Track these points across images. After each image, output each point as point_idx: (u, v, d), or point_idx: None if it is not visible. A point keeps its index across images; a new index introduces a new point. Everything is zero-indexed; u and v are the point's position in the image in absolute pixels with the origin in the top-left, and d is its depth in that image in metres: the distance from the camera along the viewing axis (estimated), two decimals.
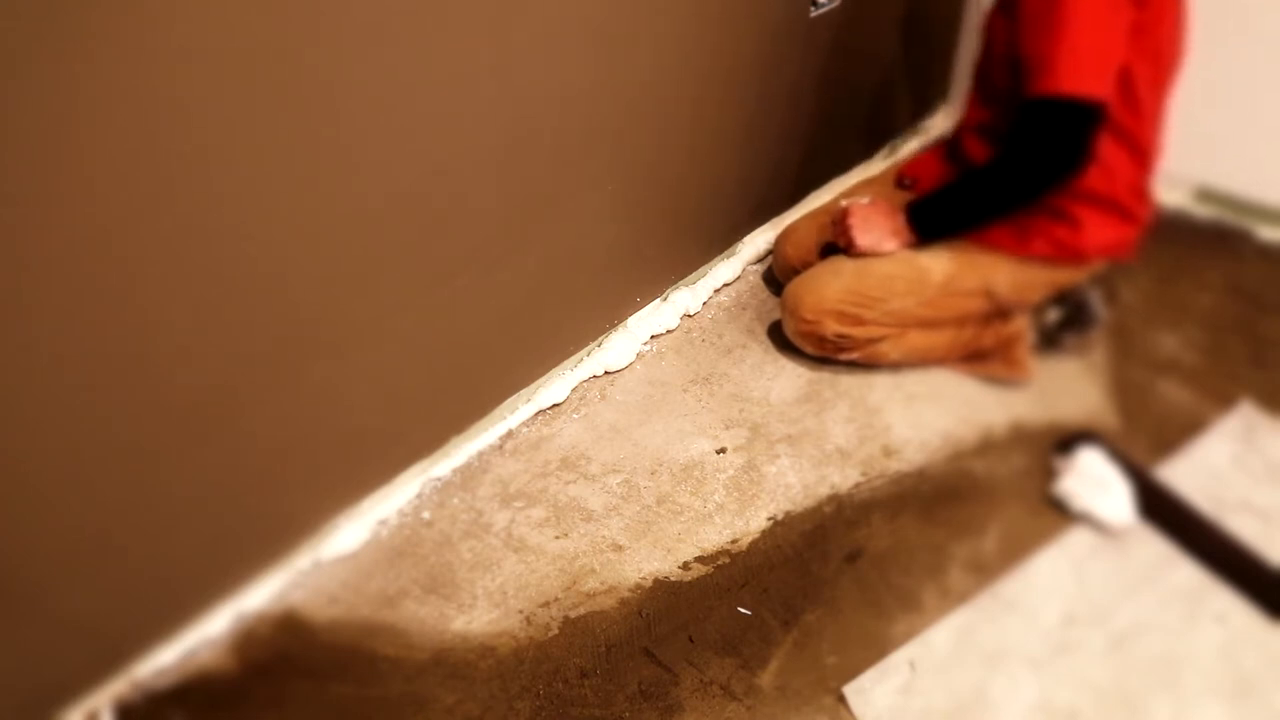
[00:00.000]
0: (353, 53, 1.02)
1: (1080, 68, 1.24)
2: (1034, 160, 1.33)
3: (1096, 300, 1.60)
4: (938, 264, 1.50)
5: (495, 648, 1.26)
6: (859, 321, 1.54)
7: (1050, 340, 1.62)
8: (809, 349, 1.63)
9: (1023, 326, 1.57)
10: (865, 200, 1.58)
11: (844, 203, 1.61)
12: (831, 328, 1.55)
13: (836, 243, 1.59)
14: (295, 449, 1.26)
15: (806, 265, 1.73)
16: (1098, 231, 1.42)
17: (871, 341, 1.57)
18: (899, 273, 1.51)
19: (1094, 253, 1.44)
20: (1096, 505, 1.34)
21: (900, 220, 1.50)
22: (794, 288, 1.61)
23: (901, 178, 1.68)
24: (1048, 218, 1.42)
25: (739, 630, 1.26)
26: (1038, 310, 1.60)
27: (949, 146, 1.63)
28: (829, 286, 1.54)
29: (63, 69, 0.82)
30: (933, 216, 1.49)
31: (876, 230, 1.52)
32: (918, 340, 1.58)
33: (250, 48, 0.93)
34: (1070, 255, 1.44)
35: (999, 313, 1.55)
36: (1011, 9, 1.34)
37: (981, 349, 1.59)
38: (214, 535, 1.22)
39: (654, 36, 1.41)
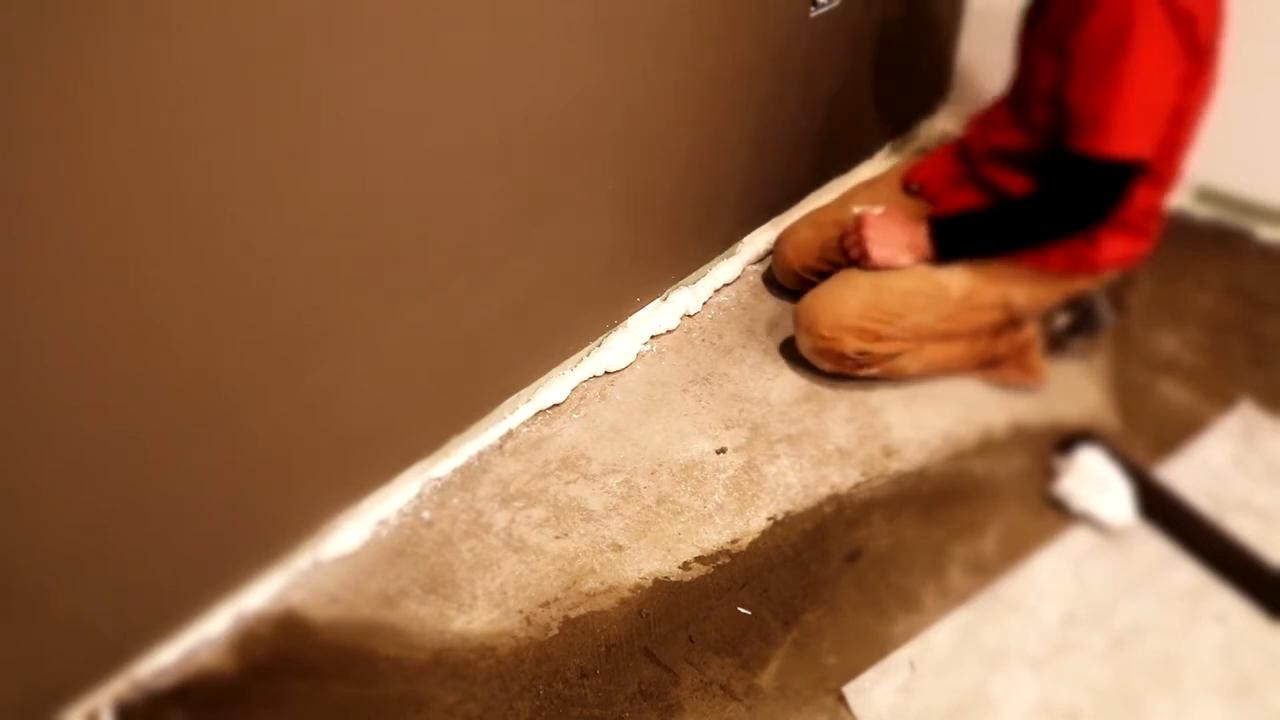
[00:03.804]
0: (354, 52, 1.03)
1: (1132, 130, 1.24)
2: (1072, 207, 1.34)
3: (1104, 305, 1.60)
4: (955, 279, 1.48)
5: (495, 648, 1.26)
6: (878, 337, 1.51)
7: (1057, 344, 1.61)
8: (827, 366, 1.58)
9: (1035, 333, 1.57)
10: (879, 210, 1.55)
11: (857, 210, 1.58)
12: (851, 344, 1.51)
13: (849, 253, 1.54)
14: (295, 449, 1.26)
15: (806, 267, 1.72)
16: (1113, 248, 1.43)
17: (890, 357, 1.54)
18: (917, 288, 1.49)
19: (1107, 266, 1.45)
20: (1096, 505, 1.34)
21: (918, 234, 1.48)
22: (809, 303, 1.56)
23: (909, 183, 1.66)
24: None
25: (739, 630, 1.26)
26: (1047, 316, 1.60)
27: (961, 152, 1.60)
28: (846, 303, 1.51)
29: (63, 69, 0.82)
30: (957, 238, 1.47)
31: (893, 244, 1.49)
32: (935, 353, 1.57)
33: (252, 47, 0.93)
34: (1085, 268, 1.45)
35: (1013, 322, 1.55)
36: (1061, 49, 1.30)
37: (996, 357, 1.59)
38: (214, 535, 1.22)
39: (654, 37, 1.41)
